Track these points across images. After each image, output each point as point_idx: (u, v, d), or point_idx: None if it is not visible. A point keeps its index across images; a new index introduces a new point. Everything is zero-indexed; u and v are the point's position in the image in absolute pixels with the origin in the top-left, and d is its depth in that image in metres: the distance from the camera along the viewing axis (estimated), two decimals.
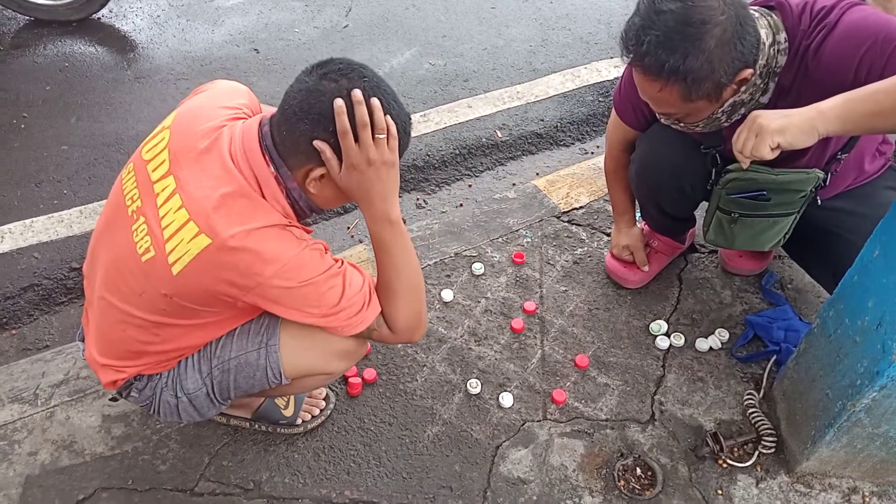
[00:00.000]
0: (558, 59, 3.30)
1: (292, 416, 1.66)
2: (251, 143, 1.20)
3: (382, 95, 1.17)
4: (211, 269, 1.17)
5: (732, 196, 1.61)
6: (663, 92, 1.37)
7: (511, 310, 1.98)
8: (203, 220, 1.15)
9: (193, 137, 1.23)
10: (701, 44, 1.27)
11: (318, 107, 1.14)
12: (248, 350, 1.36)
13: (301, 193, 1.23)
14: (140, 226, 1.22)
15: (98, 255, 1.33)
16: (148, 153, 1.27)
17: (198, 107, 1.31)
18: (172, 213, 1.18)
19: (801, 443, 1.56)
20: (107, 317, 1.31)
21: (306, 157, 1.18)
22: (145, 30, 3.44)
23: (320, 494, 1.58)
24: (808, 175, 1.54)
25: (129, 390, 1.40)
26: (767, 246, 1.73)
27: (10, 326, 2.10)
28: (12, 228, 2.38)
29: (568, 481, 1.61)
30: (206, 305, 1.25)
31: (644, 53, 1.31)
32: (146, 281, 1.22)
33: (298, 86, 1.17)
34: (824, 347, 1.48)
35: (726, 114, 1.45)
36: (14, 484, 1.59)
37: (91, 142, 2.76)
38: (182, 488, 1.59)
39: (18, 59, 3.20)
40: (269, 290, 1.19)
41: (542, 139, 2.85)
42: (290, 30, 3.47)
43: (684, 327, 1.93)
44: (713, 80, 1.32)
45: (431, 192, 2.61)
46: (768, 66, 1.39)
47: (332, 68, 1.16)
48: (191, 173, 1.19)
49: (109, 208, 1.33)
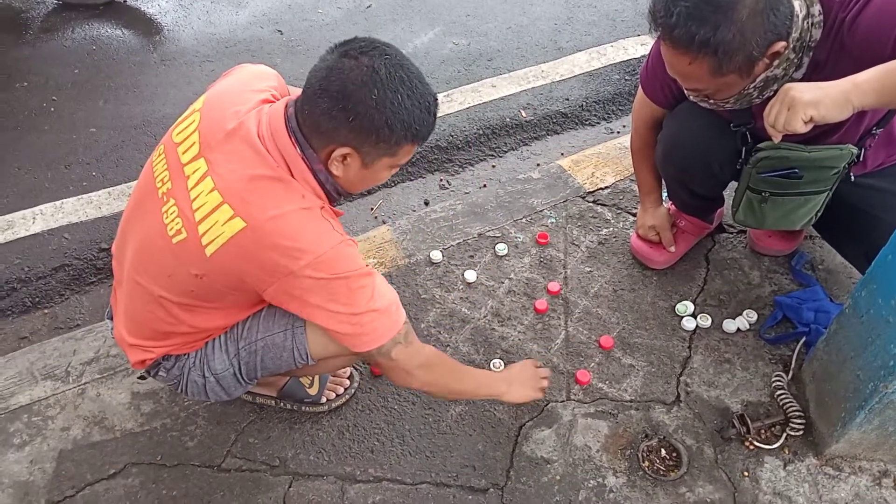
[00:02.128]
0: (584, 37, 3.25)
1: (317, 394, 1.68)
2: (278, 125, 1.20)
3: (406, 73, 1.15)
4: (246, 251, 1.17)
5: (763, 175, 1.58)
6: (693, 66, 1.32)
7: (535, 290, 1.97)
8: (238, 203, 1.16)
9: (223, 120, 1.23)
10: (733, 14, 1.23)
11: (337, 84, 1.13)
12: (275, 332, 1.37)
13: (327, 176, 1.23)
14: (170, 207, 1.23)
15: (128, 236, 1.35)
16: (178, 136, 1.28)
17: (227, 90, 1.32)
18: (204, 195, 1.19)
19: (831, 425, 1.54)
20: (136, 297, 1.33)
21: (328, 136, 1.18)
22: (170, 12, 3.46)
23: (344, 472, 1.60)
24: (841, 151, 1.49)
25: (157, 370, 1.42)
26: (799, 225, 1.69)
27: (42, 306, 2.15)
28: (43, 210, 2.43)
29: (591, 462, 1.60)
30: (234, 289, 1.26)
31: (673, 25, 1.27)
32: (176, 262, 1.24)
33: (320, 64, 1.17)
34: (856, 328, 1.45)
35: (758, 89, 1.41)
36: (48, 458, 1.63)
37: (119, 124, 2.79)
38: (209, 464, 1.61)
39: (47, 43, 3.24)
40: (299, 280, 1.18)
41: (567, 119, 2.82)
42: (314, 10, 3.46)
43: (711, 308, 1.90)
44: (745, 53, 1.28)
45: (455, 173, 2.60)
46: (802, 39, 1.34)
47: (353, 46, 1.15)
48: (222, 155, 1.20)
49: (140, 190, 1.34)
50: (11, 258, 2.27)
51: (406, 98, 1.15)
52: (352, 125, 1.15)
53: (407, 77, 1.15)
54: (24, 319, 2.11)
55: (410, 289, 1.98)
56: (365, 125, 1.15)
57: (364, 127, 1.15)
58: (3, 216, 2.40)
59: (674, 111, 1.76)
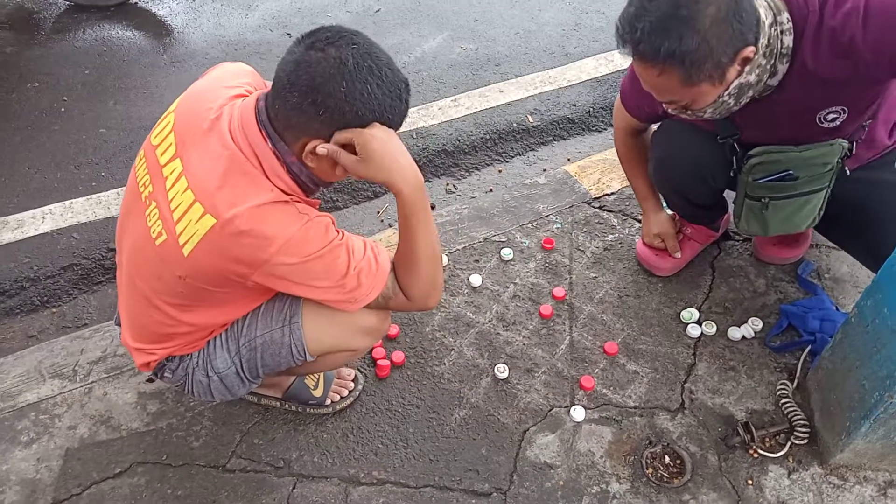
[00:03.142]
0: (591, 44, 3.25)
1: (321, 396, 1.68)
2: (248, 119, 1.19)
3: (374, 62, 1.13)
4: (218, 248, 1.18)
5: (759, 181, 1.59)
6: (662, 77, 1.33)
7: (540, 296, 1.98)
8: (207, 200, 1.16)
9: (197, 119, 1.23)
10: (695, 23, 1.24)
11: (305, 78, 1.11)
12: (273, 328, 1.38)
13: (301, 167, 1.22)
14: (152, 210, 1.24)
15: (122, 242, 1.37)
16: (156, 138, 1.29)
17: (201, 89, 1.32)
18: (180, 195, 1.20)
19: (836, 434, 1.53)
20: (134, 302, 1.35)
21: (300, 130, 1.17)
22: (181, 14, 3.48)
23: (348, 474, 1.60)
24: (832, 146, 1.51)
25: (163, 371, 1.43)
26: (803, 226, 1.70)
27: (50, 305, 2.16)
28: (53, 209, 2.44)
29: (595, 467, 1.60)
30: (218, 286, 1.27)
31: (638, 40, 1.29)
32: (162, 264, 1.25)
33: (288, 57, 1.15)
34: (861, 337, 1.45)
35: (733, 96, 1.41)
36: (55, 456, 1.64)
37: (128, 125, 2.81)
38: (214, 465, 1.62)
39: (59, 44, 3.26)
40: (275, 268, 1.19)
41: (574, 124, 2.82)
42: (323, 14, 3.48)
43: (716, 316, 1.90)
44: (713, 61, 1.28)
45: (461, 178, 2.61)
46: (771, 46, 1.35)
47: (319, 37, 1.13)
48: (195, 154, 1.21)
49: (127, 196, 1.35)
50: (21, 257, 2.29)
51: (376, 87, 1.13)
52: (322, 118, 1.14)
53: (375, 66, 1.13)
54: (32, 318, 2.13)
55: None
56: (336, 118, 1.14)
57: (335, 119, 1.14)
58: (13, 215, 2.42)
59: (660, 128, 1.79)
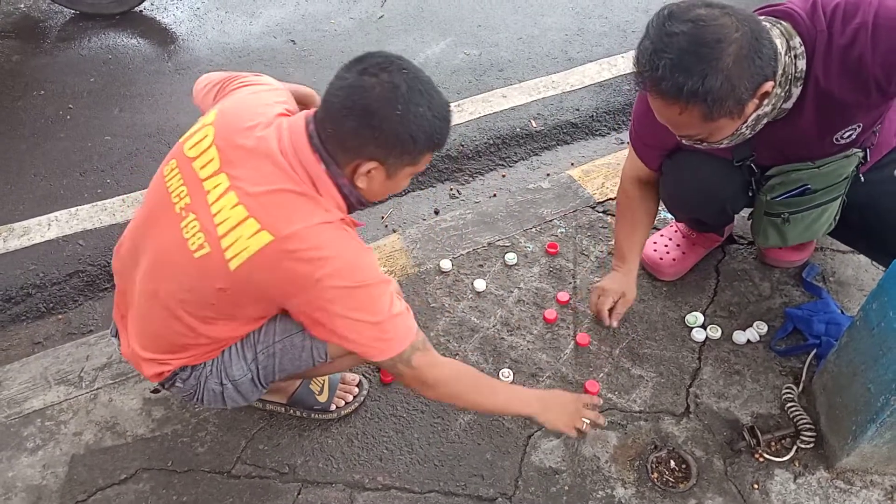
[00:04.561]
0: (594, 48, 3.26)
1: (326, 401, 1.69)
2: (300, 142, 1.22)
3: (423, 85, 1.19)
4: (271, 263, 1.19)
5: (777, 199, 1.59)
6: (684, 115, 1.31)
7: (544, 300, 1.98)
8: (263, 217, 1.18)
9: (241, 134, 1.25)
10: (718, 63, 1.22)
11: (361, 102, 1.16)
12: (293, 332, 1.39)
13: (351, 188, 1.26)
14: (191, 222, 1.24)
15: (140, 250, 1.35)
16: (191, 150, 1.28)
17: (240, 104, 1.33)
18: (227, 209, 1.20)
19: (842, 438, 1.53)
20: (152, 312, 1.33)
21: (354, 153, 1.21)
22: (185, 22, 3.50)
23: (353, 479, 1.60)
24: (848, 158, 1.52)
25: (173, 381, 1.42)
26: (821, 233, 1.70)
27: (56, 311, 2.17)
28: (58, 216, 2.46)
29: (600, 472, 1.60)
30: (256, 301, 1.28)
31: (660, 78, 1.26)
32: (198, 276, 1.25)
33: (339, 83, 1.20)
34: (867, 341, 1.44)
35: (750, 127, 1.41)
36: (61, 462, 1.64)
37: (133, 132, 2.83)
38: (219, 470, 1.62)
39: (64, 52, 3.29)
40: (323, 290, 1.21)
41: (578, 129, 2.83)
42: (326, 21, 3.50)
43: (721, 319, 1.90)
44: (734, 98, 1.27)
45: (465, 182, 2.61)
46: (786, 73, 1.35)
47: (371, 63, 1.18)
48: (244, 171, 1.22)
49: (152, 203, 1.34)
50: (27, 264, 2.30)
51: (427, 109, 1.19)
52: (378, 141, 1.19)
53: (424, 89, 1.19)
54: (38, 325, 2.14)
55: (420, 297, 1.99)
56: (391, 140, 1.19)
57: (390, 142, 1.19)
58: (19, 222, 2.44)
59: (673, 159, 1.72)
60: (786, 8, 1.37)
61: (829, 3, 1.33)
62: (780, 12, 1.37)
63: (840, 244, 2.00)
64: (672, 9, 1.26)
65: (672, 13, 1.26)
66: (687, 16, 1.24)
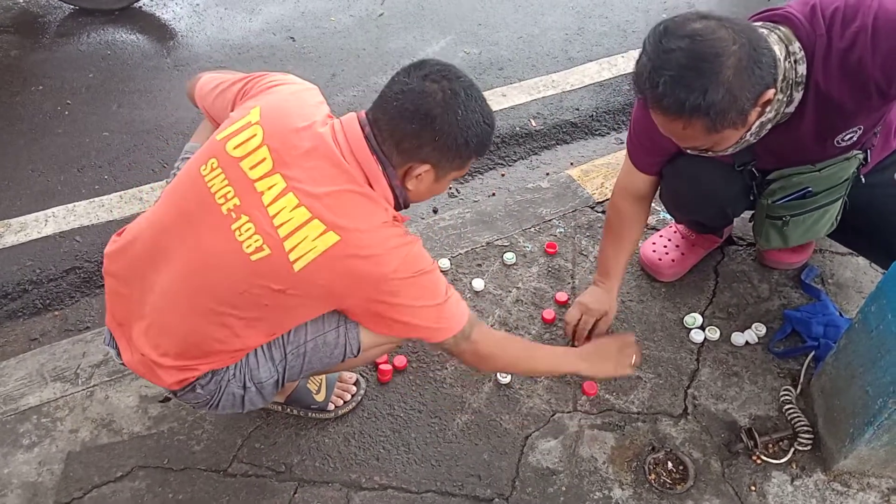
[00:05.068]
0: (594, 48, 3.26)
1: (324, 401, 1.68)
2: (358, 142, 1.24)
3: (476, 93, 1.25)
4: (339, 263, 1.21)
5: (778, 202, 1.60)
6: (688, 129, 1.31)
7: (543, 300, 1.97)
8: (328, 218, 1.19)
9: (293, 135, 1.24)
10: (718, 77, 1.21)
11: (425, 107, 1.20)
12: (326, 331, 1.38)
13: (401, 190, 1.29)
14: (244, 224, 1.21)
15: (168, 253, 1.28)
16: (237, 150, 1.24)
17: (284, 103, 1.31)
18: (288, 211, 1.20)
19: (839, 440, 1.53)
20: (187, 318, 1.28)
21: (409, 155, 1.24)
22: (184, 18, 3.49)
23: (350, 479, 1.60)
24: (849, 160, 1.52)
25: (193, 387, 1.36)
26: (822, 234, 1.71)
27: (52, 308, 2.17)
28: (56, 212, 2.45)
29: (597, 473, 1.60)
30: (314, 301, 1.29)
31: (661, 95, 1.26)
32: (255, 278, 1.22)
33: (399, 87, 1.23)
34: (865, 343, 1.44)
35: (754, 134, 1.41)
36: (57, 459, 1.64)
37: (131, 128, 2.82)
38: (216, 469, 1.62)
39: (63, 48, 3.27)
40: (389, 284, 1.24)
41: (577, 128, 2.82)
42: (326, 18, 3.49)
43: (720, 321, 1.90)
44: (737, 109, 1.27)
45: (464, 181, 2.61)
46: (787, 79, 1.35)
47: (431, 69, 1.24)
48: (302, 172, 1.21)
49: (185, 204, 1.28)
50: (23, 260, 2.29)
51: (479, 116, 1.25)
52: (436, 144, 1.22)
53: (477, 96, 1.26)
54: (34, 321, 2.13)
55: None
56: (449, 143, 1.23)
57: (448, 145, 1.23)
58: (15, 218, 2.43)
59: (674, 163, 1.70)
60: (784, 12, 1.36)
61: (828, 7, 1.33)
62: (778, 16, 1.37)
63: (839, 246, 2.00)
64: (668, 24, 1.26)
65: (668, 29, 1.25)
66: (683, 31, 1.23)
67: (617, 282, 1.80)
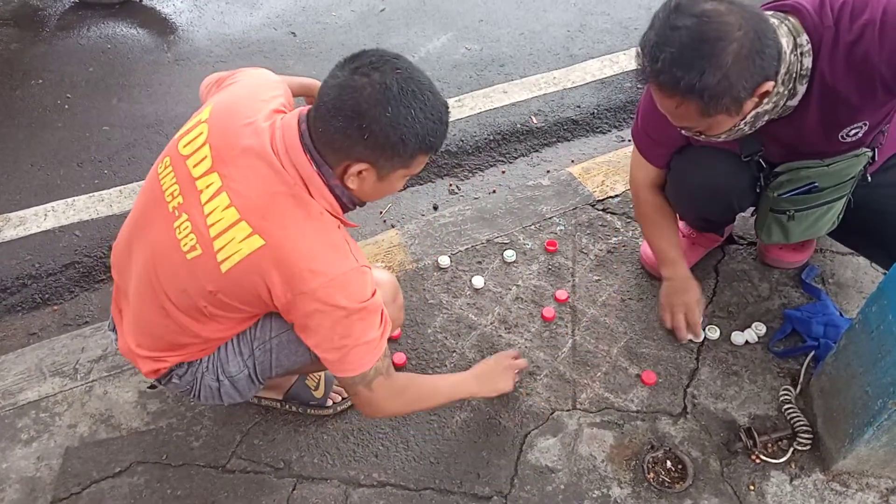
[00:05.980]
0: (596, 45, 3.24)
1: (322, 397, 1.68)
2: (292, 141, 1.19)
3: (417, 86, 1.15)
4: (262, 269, 1.18)
5: (784, 195, 1.59)
6: (681, 108, 1.32)
7: (542, 298, 1.97)
8: (256, 221, 1.16)
9: (235, 133, 1.22)
10: (717, 60, 1.22)
11: (351, 103, 1.13)
12: (289, 327, 1.36)
13: (343, 189, 1.23)
14: (183, 223, 1.22)
15: (134, 248, 1.33)
16: (185, 148, 1.26)
17: (235, 100, 1.30)
18: (220, 210, 1.19)
19: (839, 440, 1.53)
20: (147, 311, 1.32)
21: (343, 153, 1.18)
22: (185, 12, 3.48)
23: (348, 476, 1.60)
24: (857, 157, 1.51)
25: (170, 377, 1.40)
26: (823, 231, 1.70)
27: (52, 302, 2.16)
28: (55, 206, 2.44)
29: (596, 471, 1.60)
30: (246, 304, 1.27)
31: (659, 70, 1.27)
32: (191, 278, 1.23)
33: (332, 81, 1.16)
34: (865, 344, 1.44)
35: (749, 124, 1.41)
36: (55, 454, 1.64)
37: (131, 123, 2.81)
38: (214, 465, 1.62)
39: (63, 41, 3.27)
40: (308, 302, 1.18)
41: (578, 126, 2.81)
42: (328, 13, 3.48)
43: (720, 320, 1.89)
44: (731, 96, 1.27)
45: (464, 178, 2.60)
46: (790, 72, 1.34)
47: (364, 61, 1.14)
48: (237, 171, 1.19)
49: (145, 200, 1.32)
50: (23, 254, 2.29)
51: (419, 111, 1.14)
52: (367, 142, 1.15)
53: (418, 90, 1.14)
54: (33, 315, 2.13)
55: (418, 293, 1.98)
56: (380, 142, 1.15)
57: (379, 143, 1.15)
58: (15, 212, 2.42)
59: (682, 155, 1.71)
60: (794, 2, 1.36)
61: None
62: (788, 6, 1.36)
63: (840, 246, 1.99)
64: (680, 1, 1.26)
65: (679, 6, 1.25)
66: (693, 10, 1.23)
67: (682, 262, 1.81)
